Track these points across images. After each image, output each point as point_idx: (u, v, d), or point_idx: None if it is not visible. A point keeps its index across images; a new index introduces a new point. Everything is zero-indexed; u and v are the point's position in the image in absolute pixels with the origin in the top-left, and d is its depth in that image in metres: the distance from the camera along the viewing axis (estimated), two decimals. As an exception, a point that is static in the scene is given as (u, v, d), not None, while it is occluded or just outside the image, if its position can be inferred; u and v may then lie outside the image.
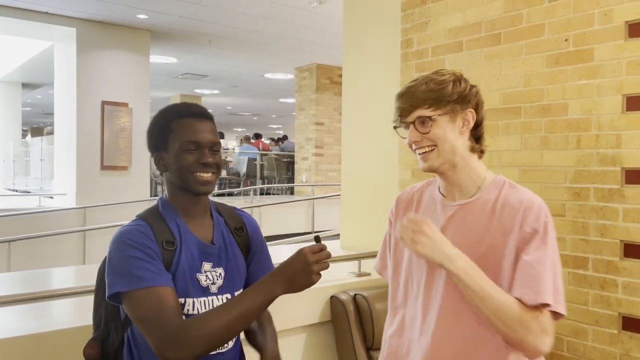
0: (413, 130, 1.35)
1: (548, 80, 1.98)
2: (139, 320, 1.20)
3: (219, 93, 14.78)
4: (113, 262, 1.24)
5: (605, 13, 1.83)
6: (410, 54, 2.50)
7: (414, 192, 1.52)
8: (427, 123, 1.33)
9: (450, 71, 1.39)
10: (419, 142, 1.35)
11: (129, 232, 1.26)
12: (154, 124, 1.38)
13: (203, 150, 1.33)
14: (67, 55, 8.21)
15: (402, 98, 1.36)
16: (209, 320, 1.18)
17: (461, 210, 1.37)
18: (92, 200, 7.79)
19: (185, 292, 1.28)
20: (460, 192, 1.39)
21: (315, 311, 2.30)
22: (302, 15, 7.47)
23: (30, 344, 1.59)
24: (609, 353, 1.81)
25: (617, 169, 1.80)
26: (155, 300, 1.18)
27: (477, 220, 1.34)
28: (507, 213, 1.30)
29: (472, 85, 1.39)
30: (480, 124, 1.40)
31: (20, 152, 13.11)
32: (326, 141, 10.71)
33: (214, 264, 1.35)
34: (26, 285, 2.47)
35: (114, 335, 1.33)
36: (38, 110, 18.84)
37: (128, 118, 8.30)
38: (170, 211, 1.34)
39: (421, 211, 1.46)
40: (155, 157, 1.36)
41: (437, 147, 1.34)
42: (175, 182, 1.35)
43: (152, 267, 1.22)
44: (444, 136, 1.34)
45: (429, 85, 1.34)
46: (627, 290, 1.77)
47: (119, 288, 1.20)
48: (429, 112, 1.33)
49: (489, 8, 2.17)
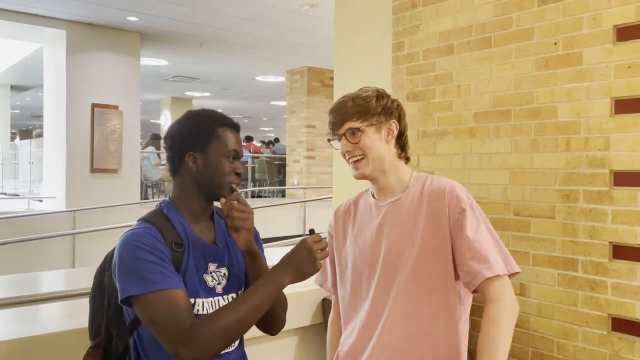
0: (345, 141, 1.52)
1: (538, 84, 2.00)
2: (153, 323, 1.20)
3: (210, 96, 14.75)
4: (124, 265, 1.23)
5: (593, 17, 1.85)
6: (401, 57, 2.51)
7: (350, 203, 1.68)
8: (356, 134, 1.50)
9: (373, 88, 1.57)
10: (351, 151, 1.51)
11: (138, 235, 1.26)
12: (196, 124, 1.38)
13: (238, 162, 1.40)
14: (57, 58, 8.15)
15: (333, 113, 1.54)
16: (222, 316, 1.20)
17: (393, 206, 1.52)
18: (82, 203, 7.72)
19: (195, 292, 1.30)
20: (391, 194, 1.54)
21: (307, 313, 2.30)
22: (294, 18, 7.48)
23: (19, 348, 1.58)
24: (598, 354, 1.82)
25: (606, 171, 1.82)
26: (168, 302, 1.19)
27: (408, 211, 1.49)
28: (434, 198, 1.47)
29: (393, 100, 1.57)
30: (403, 133, 1.57)
31: (8, 154, 12.99)
32: (317, 144, 10.72)
33: (218, 265, 1.38)
34: (15, 288, 2.45)
35: (117, 342, 1.32)
36: (27, 113, 18.69)
37: (118, 121, 8.25)
38: (175, 213, 1.36)
39: (358, 217, 1.61)
40: (188, 155, 1.36)
41: (367, 156, 1.50)
42: (200, 184, 1.36)
43: (164, 269, 1.23)
44: (372, 145, 1.50)
45: (355, 101, 1.52)
46: (616, 291, 1.78)
47: (132, 291, 1.20)
48: (357, 123, 1.50)
49: (479, 12, 2.19)
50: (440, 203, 1.44)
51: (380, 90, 1.56)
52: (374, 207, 1.56)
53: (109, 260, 1.36)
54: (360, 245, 1.54)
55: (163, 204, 1.38)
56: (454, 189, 1.45)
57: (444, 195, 1.45)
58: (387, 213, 1.51)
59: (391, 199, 1.53)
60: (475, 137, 2.19)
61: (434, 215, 1.44)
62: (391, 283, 1.45)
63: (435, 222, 1.44)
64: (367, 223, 1.55)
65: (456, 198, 1.43)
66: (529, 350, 2.01)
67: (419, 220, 1.46)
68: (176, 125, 1.41)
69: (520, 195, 2.04)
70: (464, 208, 1.42)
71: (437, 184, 1.49)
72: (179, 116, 1.43)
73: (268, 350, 2.16)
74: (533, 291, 2.00)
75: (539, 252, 1.98)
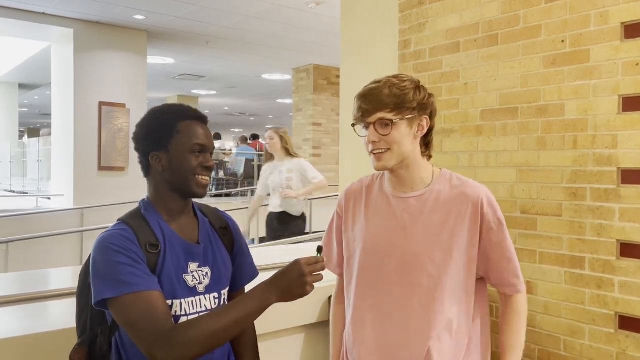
0: (373, 131, 1.43)
1: (545, 81, 1.99)
2: (129, 326, 1.18)
3: (216, 94, 14.77)
4: (98, 268, 1.22)
5: (601, 14, 1.84)
6: (408, 54, 2.51)
7: (363, 185, 1.61)
8: (388, 126, 1.42)
9: (411, 77, 1.48)
10: (377, 143, 1.43)
11: (111, 237, 1.25)
12: (155, 123, 1.35)
13: (207, 154, 1.34)
14: (65, 56, 8.19)
15: (365, 99, 1.44)
16: (204, 324, 1.18)
17: (415, 202, 1.47)
18: (90, 201, 7.77)
19: (173, 293, 1.28)
20: (411, 188, 1.49)
21: (313, 311, 2.30)
22: (300, 16, 7.47)
23: (27, 345, 1.59)
24: (605, 352, 1.82)
25: (614, 169, 1.81)
26: (143, 304, 1.17)
27: (433, 209, 1.45)
28: (465, 202, 1.44)
29: (430, 94, 1.48)
30: (430, 131, 1.50)
31: (17, 153, 13.07)
32: (324, 142, 10.72)
33: (200, 264, 1.35)
34: (23, 285, 2.46)
35: (101, 340, 1.31)
36: (35, 111, 18.80)
37: (125, 119, 8.29)
38: (153, 213, 1.33)
39: (371, 203, 1.55)
40: (151, 156, 1.33)
41: (392, 149, 1.43)
42: (169, 183, 1.33)
43: (138, 271, 1.21)
44: (400, 140, 1.42)
45: (392, 90, 1.42)
46: (623, 289, 1.78)
47: (106, 294, 1.18)
48: (390, 115, 1.41)
49: (486, 9, 2.18)
50: (473, 209, 1.43)
51: (417, 81, 1.48)
52: (391, 198, 1.51)
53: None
54: (373, 234, 1.50)
55: (141, 204, 1.36)
56: (489, 198, 1.46)
57: (477, 203, 1.44)
58: (408, 208, 1.47)
59: (412, 193, 1.48)
60: (482, 134, 2.19)
61: (465, 220, 1.43)
62: (409, 279, 1.44)
63: (466, 227, 1.43)
64: (383, 213, 1.50)
65: (492, 209, 1.45)
66: (535, 348, 2.00)
67: (447, 223, 1.43)
68: (139, 125, 1.37)
69: (527, 193, 2.04)
70: (500, 219, 1.45)
71: (468, 188, 1.46)
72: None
73: (274, 348, 2.16)
74: (540, 289, 2.00)
75: (546, 250, 1.98)
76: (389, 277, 1.46)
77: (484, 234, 1.44)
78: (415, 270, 1.43)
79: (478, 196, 1.44)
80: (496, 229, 1.44)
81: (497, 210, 1.46)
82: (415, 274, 1.43)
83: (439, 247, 1.42)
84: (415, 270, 1.43)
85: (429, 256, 1.42)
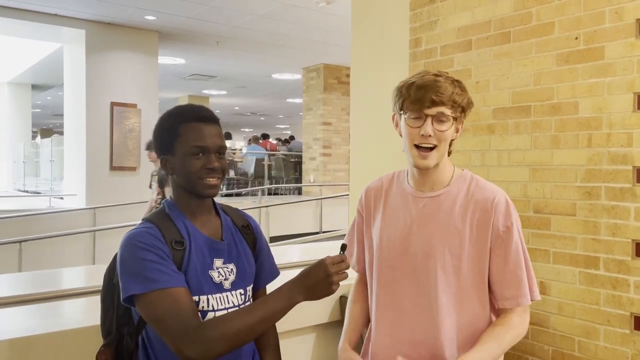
0: (429, 124, 1.38)
1: (558, 79, 1.97)
2: (156, 322, 1.20)
3: (227, 94, 14.82)
4: (125, 265, 1.24)
5: (616, 11, 1.82)
6: (418, 53, 2.49)
7: (384, 182, 1.59)
8: (446, 122, 1.38)
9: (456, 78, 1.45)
10: (431, 137, 1.38)
11: (138, 234, 1.27)
12: (161, 127, 1.38)
13: (209, 156, 1.33)
14: (77, 57, 8.26)
15: (427, 89, 1.38)
16: (231, 321, 1.20)
17: (432, 202, 1.45)
18: (102, 200, 7.84)
19: (199, 289, 1.30)
20: (432, 187, 1.47)
21: (325, 311, 2.30)
22: (310, 15, 7.47)
23: (41, 344, 1.60)
24: (620, 353, 1.79)
25: (629, 167, 1.78)
26: (170, 300, 1.20)
27: (448, 211, 1.43)
28: (481, 207, 1.40)
29: (469, 97, 1.46)
30: (458, 131, 1.47)
31: (30, 153, 13.21)
32: (334, 141, 10.71)
33: (224, 260, 1.37)
34: (37, 285, 2.48)
35: (128, 340, 1.33)
36: (48, 112, 18.98)
37: (137, 119, 8.35)
38: (177, 212, 1.36)
39: (390, 201, 1.53)
40: (161, 160, 1.37)
41: (438, 147, 1.40)
42: (182, 185, 1.36)
43: (165, 268, 1.23)
44: (448, 139, 1.41)
45: (455, 87, 1.39)
46: (639, 289, 1.75)
47: (134, 290, 1.21)
48: (450, 111, 1.38)
49: (498, 6, 2.16)
50: (487, 214, 1.40)
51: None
52: (410, 197, 1.48)
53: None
54: (389, 232, 1.49)
55: (165, 204, 1.39)
56: (501, 202, 1.41)
57: (491, 207, 1.40)
58: (424, 207, 1.45)
59: (430, 192, 1.46)
60: (494, 133, 2.17)
61: (479, 225, 1.40)
62: (421, 279, 1.43)
63: (479, 232, 1.40)
64: (401, 212, 1.49)
65: (503, 214, 1.39)
66: (549, 349, 1.98)
67: (462, 226, 1.41)
68: (153, 130, 1.41)
69: (541, 192, 2.02)
70: (509, 226, 1.39)
71: (485, 192, 1.43)
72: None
73: (285, 348, 2.16)
74: (554, 289, 1.97)
75: (560, 250, 1.96)
76: (404, 275, 1.46)
77: (492, 238, 1.40)
78: (427, 271, 1.42)
79: (492, 200, 1.41)
80: (505, 235, 1.39)
81: (510, 215, 1.40)
82: (427, 275, 1.42)
83: (450, 250, 1.40)
84: (426, 270, 1.42)
85: (439, 258, 1.41)
